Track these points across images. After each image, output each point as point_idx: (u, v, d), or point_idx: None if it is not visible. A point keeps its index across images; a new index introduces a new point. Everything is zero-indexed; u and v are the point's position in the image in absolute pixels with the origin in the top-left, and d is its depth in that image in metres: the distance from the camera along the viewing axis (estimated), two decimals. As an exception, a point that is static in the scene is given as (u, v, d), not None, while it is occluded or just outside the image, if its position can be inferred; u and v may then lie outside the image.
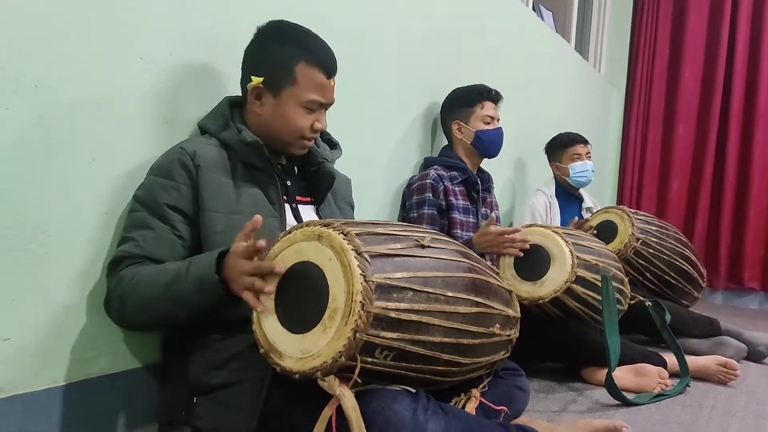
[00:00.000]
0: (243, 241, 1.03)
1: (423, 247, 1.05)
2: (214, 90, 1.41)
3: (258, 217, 1.03)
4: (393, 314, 0.94)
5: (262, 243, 1.00)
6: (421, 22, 2.22)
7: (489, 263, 1.32)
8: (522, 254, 1.82)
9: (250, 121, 1.29)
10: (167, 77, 1.30)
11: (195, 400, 1.15)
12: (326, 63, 1.26)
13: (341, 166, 1.48)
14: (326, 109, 1.31)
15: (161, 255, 1.15)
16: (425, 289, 0.99)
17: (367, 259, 0.94)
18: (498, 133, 2.22)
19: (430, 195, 2.06)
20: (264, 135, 1.27)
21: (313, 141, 1.33)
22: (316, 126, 1.28)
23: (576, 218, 2.70)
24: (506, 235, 1.81)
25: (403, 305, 0.95)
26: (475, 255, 1.21)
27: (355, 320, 0.90)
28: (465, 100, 2.21)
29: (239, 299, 1.04)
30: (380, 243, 1.00)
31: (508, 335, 1.20)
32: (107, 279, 1.17)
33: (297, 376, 0.95)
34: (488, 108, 2.20)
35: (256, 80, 1.24)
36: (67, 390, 1.15)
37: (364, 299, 0.91)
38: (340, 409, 0.92)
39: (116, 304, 1.14)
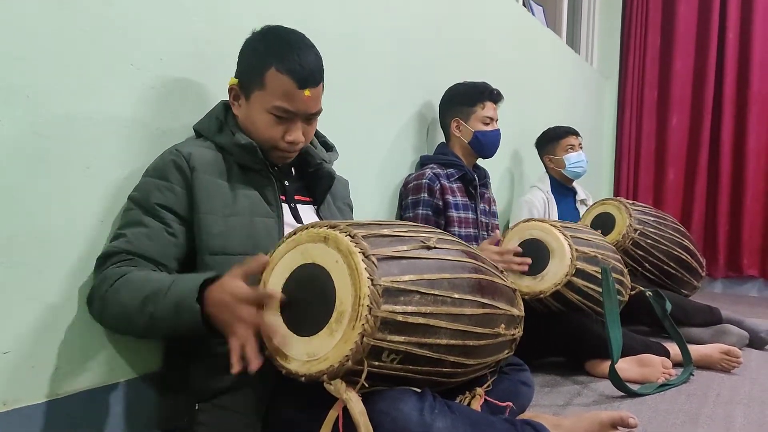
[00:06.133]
0: (240, 278, 0.99)
1: (429, 248, 1.04)
2: (208, 94, 1.39)
3: (264, 258, 1.02)
4: (400, 318, 0.93)
5: (264, 259, 1.01)
6: (413, 20, 2.21)
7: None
8: (521, 272, 1.78)
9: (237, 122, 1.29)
10: (159, 83, 1.28)
11: (197, 407, 1.14)
12: (298, 72, 1.18)
13: (336, 167, 1.47)
14: (306, 121, 1.25)
15: (152, 253, 1.12)
16: (432, 292, 0.98)
17: (374, 262, 0.93)
18: (496, 135, 2.21)
19: (426, 195, 2.05)
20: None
21: (293, 154, 1.29)
22: (287, 138, 1.23)
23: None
24: (505, 256, 1.66)
25: (410, 308, 0.94)
26: (481, 254, 1.20)
27: (363, 324, 0.89)
28: (466, 99, 2.19)
29: (217, 333, 0.99)
30: (387, 245, 0.99)
31: (513, 334, 1.19)
32: (93, 274, 1.14)
33: (303, 379, 0.94)
34: (489, 109, 2.19)
35: (232, 81, 1.26)
36: (69, 401, 1.14)
37: (371, 303, 0.90)
38: (346, 411, 0.91)
39: (98, 304, 1.11)
